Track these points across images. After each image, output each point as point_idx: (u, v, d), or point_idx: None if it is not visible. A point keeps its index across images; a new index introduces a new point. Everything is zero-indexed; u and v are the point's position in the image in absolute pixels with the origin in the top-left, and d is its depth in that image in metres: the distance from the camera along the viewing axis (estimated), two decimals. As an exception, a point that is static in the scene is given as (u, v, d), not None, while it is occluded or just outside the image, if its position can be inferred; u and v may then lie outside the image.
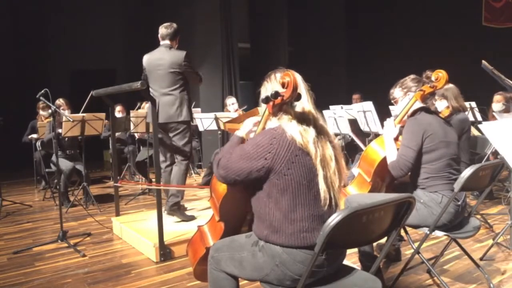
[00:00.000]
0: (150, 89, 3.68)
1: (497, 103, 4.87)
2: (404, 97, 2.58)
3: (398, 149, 2.48)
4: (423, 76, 2.61)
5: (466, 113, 3.86)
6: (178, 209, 3.72)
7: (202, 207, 4.25)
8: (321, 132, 1.63)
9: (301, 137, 1.56)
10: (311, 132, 1.59)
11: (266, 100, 1.61)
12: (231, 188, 1.77)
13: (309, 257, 1.52)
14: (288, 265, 1.55)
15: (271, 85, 1.71)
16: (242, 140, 1.81)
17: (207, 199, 2.85)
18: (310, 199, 1.56)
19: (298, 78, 1.64)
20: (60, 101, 5.02)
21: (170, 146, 3.79)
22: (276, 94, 1.57)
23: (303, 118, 1.61)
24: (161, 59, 3.67)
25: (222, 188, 1.82)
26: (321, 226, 1.52)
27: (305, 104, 1.65)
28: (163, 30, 3.75)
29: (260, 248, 1.62)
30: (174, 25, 3.79)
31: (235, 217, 1.96)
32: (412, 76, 2.60)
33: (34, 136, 5.90)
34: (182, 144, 3.73)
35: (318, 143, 1.59)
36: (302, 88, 1.66)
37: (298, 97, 1.61)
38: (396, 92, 2.62)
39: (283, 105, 1.63)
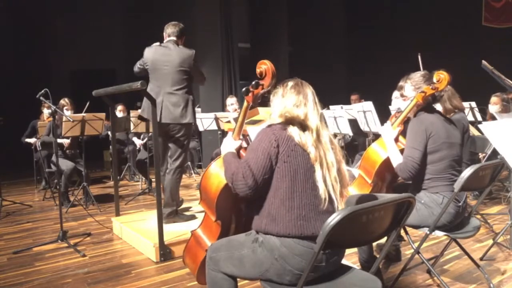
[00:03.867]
0: (152, 85, 3.53)
1: (494, 105, 4.88)
2: None
3: (399, 150, 2.47)
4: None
5: (465, 112, 3.85)
6: (175, 216, 3.63)
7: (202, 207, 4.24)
8: (322, 139, 1.68)
9: (299, 137, 1.64)
10: (309, 136, 1.65)
11: (247, 91, 1.66)
12: (225, 185, 1.79)
13: (308, 251, 1.56)
14: (287, 258, 1.57)
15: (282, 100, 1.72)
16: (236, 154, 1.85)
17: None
18: (307, 187, 1.61)
19: (309, 92, 1.71)
20: (64, 101, 5.03)
21: (167, 149, 3.67)
22: (257, 84, 1.62)
23: (306, 126, 1.67)
24: (169, 55, 3.51)
25: (215, 187, 1.83)
26: (318, 216, 1.60)
27: (310, 114, 1.68)
28: (170, 27, 3.64)
29: (260, 244, 1.64)
30: (182, 25, 3.70)
31: (231, 215, 1.97)
32: (422, 72, 2.53)
33: (32, 140, 5.92)
34: (179, 150, 3.59)
35: (318, 146, 1.65)
36: (310, 100, 1.70)
37: (275, 84, 1.67)
38: (408, 91, 2.54)
39: (263, 94, 1.69)
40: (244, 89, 1.66)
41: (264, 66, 1.61)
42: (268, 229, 1.62)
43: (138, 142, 6.43)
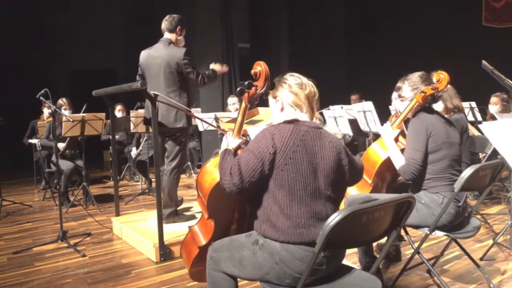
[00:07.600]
0: (148, 88, 3.43)
1: (494, 105, 4.89)
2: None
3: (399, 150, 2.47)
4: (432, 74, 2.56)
5: (465, 113, 3.85)
6: (175, 216, 3.63)
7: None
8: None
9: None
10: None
11: (241, 92, 1.66)
12: (217, 183, 1.77)
13: (308, 254, 1.54)
14: (287, 262, 1.56)
15: (283, 92, 1.74)
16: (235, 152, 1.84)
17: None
18: (306, 196, 1.58)
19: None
20: (62, 101, 5.03)
21: (164, 150, 3.65)
22: (249, 85, 1.63)
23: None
24: (158, 57, 3.42)
25: (208, 184, 1.83)
26: (318, 223, 1.57)
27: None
28: (164, 22, 3.52)
29: (260, 246, 1.63)
30: (175, 16, 3.54)
31: (225, 213, 1.96)
32: (420, 73, 2.54)
33: (33, 141, 5.92)
34: (175, 151, 3.55)
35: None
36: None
37: (272, 86, 1.68)
38: (406, 92, 2.55)
39: (258, 95, 1.69)
40: (238, 89, 1.67)
41: (259, 68, 1.62)
42: (267, 234, 1.60)
43: (134, 152, 6.21)
